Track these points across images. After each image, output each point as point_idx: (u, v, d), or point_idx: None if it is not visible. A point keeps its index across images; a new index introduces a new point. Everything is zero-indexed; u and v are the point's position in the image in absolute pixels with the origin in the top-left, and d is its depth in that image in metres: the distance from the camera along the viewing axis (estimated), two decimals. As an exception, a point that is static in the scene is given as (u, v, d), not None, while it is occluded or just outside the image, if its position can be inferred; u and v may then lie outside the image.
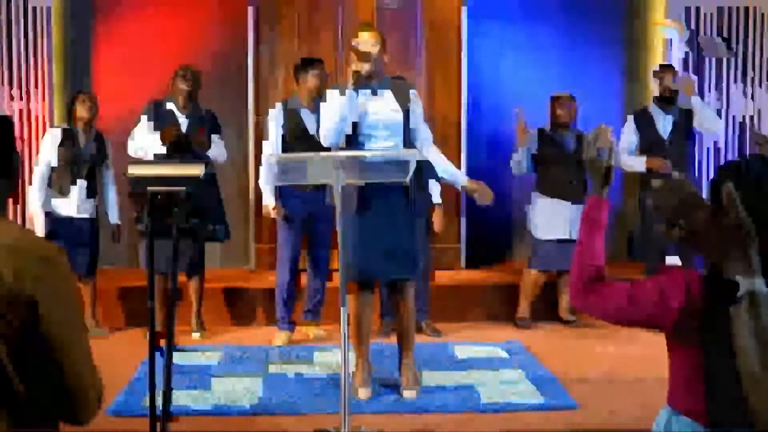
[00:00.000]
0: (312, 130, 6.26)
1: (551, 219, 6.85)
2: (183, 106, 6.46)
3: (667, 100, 6.85)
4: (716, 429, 2.28)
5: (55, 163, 6.45)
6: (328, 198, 4.97)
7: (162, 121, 6.37)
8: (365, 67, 4.98)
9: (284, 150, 6.21)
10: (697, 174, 7.58)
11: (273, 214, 6.35)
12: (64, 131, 6.53)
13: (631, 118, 7.04)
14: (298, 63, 6.54)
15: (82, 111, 6.48)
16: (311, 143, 6.01)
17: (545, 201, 6.89)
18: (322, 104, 5.15)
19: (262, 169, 6.34)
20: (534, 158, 6.92)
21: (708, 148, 7.87)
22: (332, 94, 5.05)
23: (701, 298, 2.28)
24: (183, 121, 6.45)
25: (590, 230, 2.51)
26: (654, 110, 6.90)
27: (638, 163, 6.85)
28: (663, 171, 6.67)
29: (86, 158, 6.51)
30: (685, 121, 6.84)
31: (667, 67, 7.04)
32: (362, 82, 5.01)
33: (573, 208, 6.74)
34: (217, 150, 6.54)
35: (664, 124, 6.84)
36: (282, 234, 6.46)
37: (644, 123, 6.89)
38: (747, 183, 2.24)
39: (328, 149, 5.03)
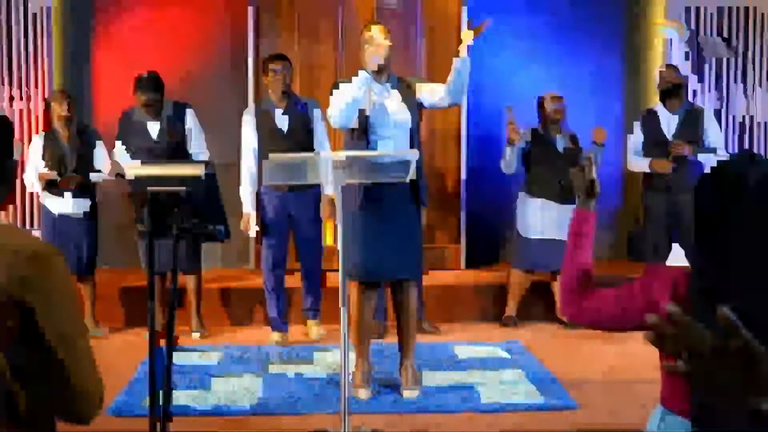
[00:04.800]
0: (285, 130, 6.30)
1: (538, 218, 6.87)
2: (147, 114, 6.46)
3: (671, 94, 6.79)
4: (700, 427, 2.28)
5: (42, 167, 6.46)
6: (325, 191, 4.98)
7: (131, 132, 6.44)
8: (381, 57, 4.98)
9: (260, 150, 6.19)
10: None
11: (250, 227, 6.31)
12: (45, 135, 6.54)
13: (639, 117, 7.03)
14: (264, 60, 6.57)
15: (58, 109, 6.47)
16: (284, 144, 6.03)
17: (533, 200, 6.89)
18: (333, 93, 5.12)
19: (242, 175, 6.34)
20: (524, 157, 6.92)
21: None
22: (341, 86, 5.05)
23: (688, 296, 2.28)
24: (154, 129, 6.45)
25: (578, 242, 2.56)
26: (660, 110, 6.85)
27: (643, 164, 6.84)
28: (666, 172, 6.66)
29: (71, 155, 6.49)
30: (691, 121, 6.79)
31: (670, 66, 7.05)
32: (374, 72, 5.02)
33: (561, 209, 6.74)
34: (198, 145, 6.56)
35: (669, 124, 6.82)
36: (264, 238, 6.45)
37: (650, 122, 6.85)
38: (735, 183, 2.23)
39: (300, 149, 5.04)
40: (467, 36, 5.00)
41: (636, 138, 6.92)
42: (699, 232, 2.27)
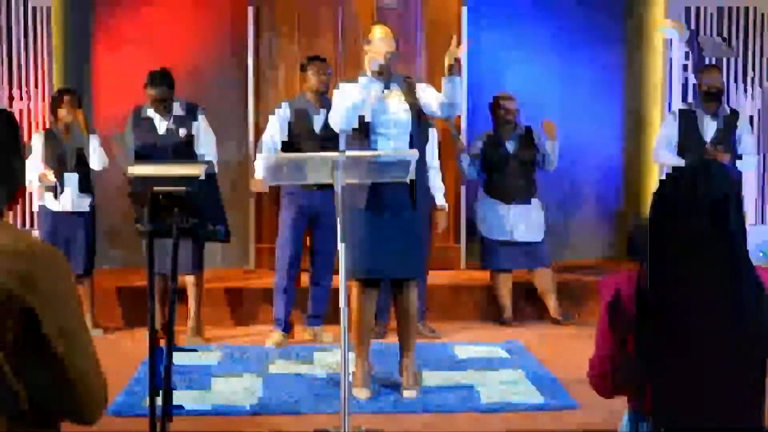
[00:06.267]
0: (318, 130, 6.25)
1: (495, 219, 6.96)
2: (156, 110, 6.41)
3: (713, 97, 6.76)
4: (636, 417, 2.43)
5: (42, 166, 6.43)
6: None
7: (140, 128, 6.40)
8: (381, 61, 5.01)
9: (292, 149, 6.12)
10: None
11: (259, 188, 6.17)
12: (45, 134, 6.54)
13: (673, 114, 7.00)
14: (303, 61, 6.52)
15: (65, 117, 6.46)
16: (316, 143, 6.03)
17: (490, 201, 7.01)
18: (334, 94, 5.13)
19: (262, 148, 6.22)
20: (482, 159, 7.04)
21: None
22: (342, 87, 5.06)
23: (632, 298, 2.38)
24: (162, 126, 6.41)
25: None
26: (699, 111, 6.81)
27: (677, 163, 6.77)
28: None
29: (71, 152, 6.47)
30: (729, 125, 6.77)
31: (714, 67, 7.06)
32: (375, 75, 5.04)
33: (513, 210, 6.89)
34: (207, 148, 6.47)
35: (708, 127, 6.77)
36: (283, 233, 6.36)
37: (688, 123, 6.79)
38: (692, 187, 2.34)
39: (331, 148, 5.05)
40: (449, 57, 5.04)
41: (669, 133, 6.85)
42: (654, 229, 2.40)
